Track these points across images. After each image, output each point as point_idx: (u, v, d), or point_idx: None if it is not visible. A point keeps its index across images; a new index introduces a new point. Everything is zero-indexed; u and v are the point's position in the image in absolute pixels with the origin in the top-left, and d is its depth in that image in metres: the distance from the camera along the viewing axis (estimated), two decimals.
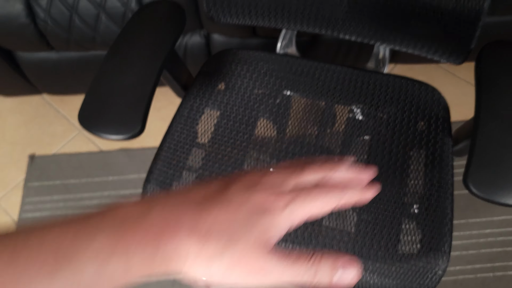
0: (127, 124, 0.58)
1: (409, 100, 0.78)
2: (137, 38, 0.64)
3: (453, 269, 1.11)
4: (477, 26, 0.62)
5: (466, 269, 1.10)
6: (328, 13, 0.73)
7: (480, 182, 0.52)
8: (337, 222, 0.69)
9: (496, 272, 1.09)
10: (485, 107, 0.57)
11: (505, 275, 1.09)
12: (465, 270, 1.10)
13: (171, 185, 0.71)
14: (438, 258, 0.63)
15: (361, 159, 0.75)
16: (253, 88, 0.81)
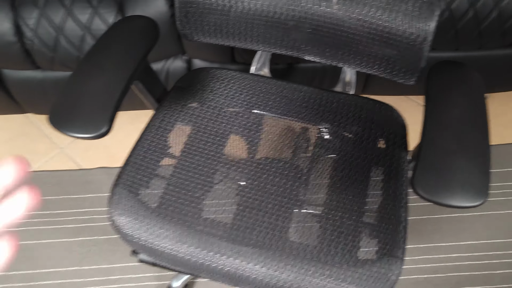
0: (95, 124, 0.61)
1: (370, 118, 0.83)
2: (109, 48, 0.69)
3: None
4: (425, 47, 0.67)
5: None
6: (293, 36, 0.79)
7: (425, 185, 0.56)
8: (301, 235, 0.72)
9: None
10: (430, 117, 0.61)
11: None
12: None
13: (138, 190, 0.73)
14: (392, 263, 0.66)
15: (326, 175, 0.78)
16: (224, 105, 0.85)
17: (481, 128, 0.59)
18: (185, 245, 0.70)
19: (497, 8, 1.10)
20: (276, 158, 0.82)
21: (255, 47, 0.82)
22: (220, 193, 0.77)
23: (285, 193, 0.75)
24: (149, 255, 0.73)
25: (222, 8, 0.75)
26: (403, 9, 0.67)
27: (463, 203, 0.54)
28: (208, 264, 0.69)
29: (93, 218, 1.25)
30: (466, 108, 0.62)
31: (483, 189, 0.55)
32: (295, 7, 0.74)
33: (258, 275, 0.68)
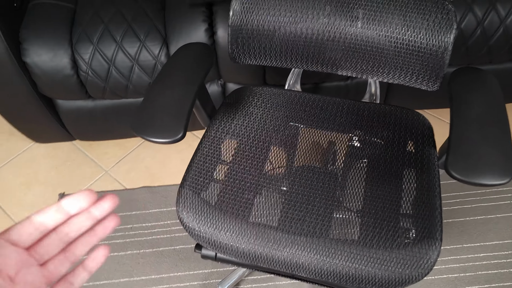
0: (172, 131, 0.72)
1: (398, 123, 0.93)
2: (177, 69, 0.81)
3: None
4: (446, 56, 0.79)
5: None
6: (328, 54, 0.91)
7: (457, 168, 0.66)
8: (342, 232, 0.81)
9: None
10: (456, 114, 0.72)
11: None
12: None
13: (200, 191, 0.84)
14: (431, 244, 0.75)
15: (361, 178, 0.88)
16: (264, 118, 0.96)
17: (501, 121, 0.70)
18: (244, 236, 0.79)
19: (503, 25, 1.22)
20: (312, 166, 0.92)
21: (295, 66, 0.94)
22: (266, 196, 0.87)
23: (324, 195, 0.84)
24: (212, 248, 0.82)
25: (268, 33, 0.88)
26: (425, 25, 0.79)
27: (491, 181, 0.64)
28: (266, 253, 0.79)
29: (139, 233, 1.35)
30: (486, 105, 0.72)
31: (507, 169, 0.64)
32: (330, 29, 0.86)
33: (312, 261, 0.77)
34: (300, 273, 0.80)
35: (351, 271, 0.76)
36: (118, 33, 1.23)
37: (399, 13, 0.81)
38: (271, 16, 0.86)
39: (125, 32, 1.24)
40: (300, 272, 0.80)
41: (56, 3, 1.29)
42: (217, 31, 1.21)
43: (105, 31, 1.24)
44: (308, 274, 0.79)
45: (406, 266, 0.74)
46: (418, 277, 0.74)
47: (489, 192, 1.35)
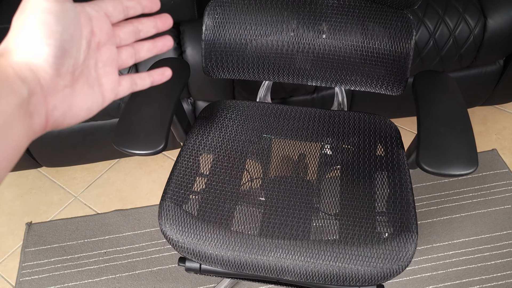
0: (153, 142, 0.73)
1: (367, 129, 0.98)
2: None
3: None
4: (408, 61, 0.85)
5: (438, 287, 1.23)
6: (298, 65, 0.95)
7: (428, 161, 0.70)
8: (323, 233, 0.83)
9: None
10: (422, 111, 0.77)
11: None
12: None
13: (182, 203, 0.84)
14: (408, 237, 0.78)
15: (335, 184, 0.91)
16: (239, 131, 0.99)
17: (463, 115, 0.76)
18: (228, 245, 0.80)
19: (452, 36, 1.32)
20: (287, 176, 0.95)
21: (267, 78, 0.98)
22: (246, 207, 0.89)
23: (301, 203, 0.87)
24: (197, 259, 0.82)
25: (240, 46, 0.91)
26: (387, 33, 0.85)
27: (460, 171, 0.69)
28: (251, 259, 0.80)
29: (114, 257, 1.32)
30: (448, 102, 0.78)
31: (472, 158, 0.70)
32: (299, 41, 0.91)
33: (297, 264, 0.79)
34: (285, 277, 0.81)
35: (334, 270, 0.78)
36: None
37: (362, 24, 0.87)
38: (242, 30, 0.90)
39: None
40: (286, 275, 0.81)
41: None
42: (185, 50, 1.23)
43: None
44: (294, 277, 0.81)
45: (387, 260, 0.77)
46: (399, 270, 0.77)
47: (452, 193, 1.43)
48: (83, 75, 0.34)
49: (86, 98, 0.34)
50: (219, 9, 0.89)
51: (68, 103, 0.32)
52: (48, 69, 0.30)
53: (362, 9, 0.87)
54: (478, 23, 1.32)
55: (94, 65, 0.35)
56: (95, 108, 0.35)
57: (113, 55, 0.36)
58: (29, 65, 0.29)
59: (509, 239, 1.31)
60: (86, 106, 0.34)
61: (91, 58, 0.34)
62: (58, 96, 0.31)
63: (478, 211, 1.38)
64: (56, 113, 0.32)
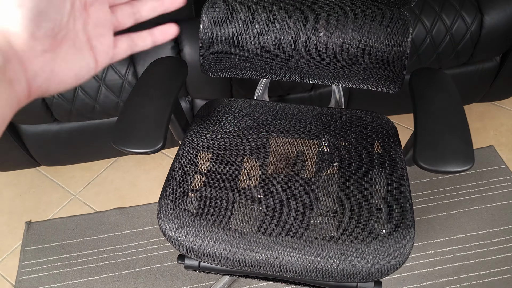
0: (152, 141, 0.74)
1: (365, 126, 0.99)
2: (152, 81, 0.83)
3: (425, 284, 1.24)
4: (405, 59, 0.85)
5: (436, 283, 1.24)
6: (295, 63, 0.96)
7: (425, 159, 0.71)
8: (320, 231, 0.84)
9: (462, 283, 1.24)
10: (419, 108, 0.78)
11: (470, 284, 1.23)
12: (435, 284, 1.24)
13: (180, 202, 0.85)
14: (406, 233, 0.79)
15: (332, 181, 0.92)
16: (237, 129, 0.99)
17: (459, 112, 0.76)
18: (227, 242, 0.81)
19: (449, 33, 1.32)
20: (285, 173, 0.95)
21: (264, 76, 0.98)
22: (244, 204, 0.89)
23: (299, 200, 0.87)
24: (196, 257, 0.83)
25: (237, 45, 0.91)
26: (384, 31, 0.86)
27: (456, 168, 0.70)
28: (250, 257, 0.80)
29: (113, 255, 1.32)
30: (444, 99, 0.79)
31: (469, 155, 0.70)
32: (297, 39, 0.91)
33: (295, 260, 0.80)
34: (284, 274, 0.82)
35: (333, 267, 0.79)
36: None
37: (359, 22, 0.87)
38: (239, 28, 0.90)
39: None
40: (284, 272, 0.82)
41: None
42: (183, 48, 1.24)
43: None
44: (292, 274, 0.81)
45: (384, 257, 0.78)
46: (396, 266, 0.78)
47: (449, 190, 1.43)
48: (68, 39, 0.31)
49: (73, 63, 0.32)
50: (216, 8, 0.89)
51: (50, 69, 0.30)
52: (22, 33, 0.28)
53: (359, 7, 0.87)
54: (475, 20, 1.33)
55: (83, 27, 0.32)
56: (85, 73, 0.33)
57: (105, 14, 0.34)
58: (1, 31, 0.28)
59: (506, 235, 1.32)
60: (73, 71, 0.32)
61: (77, 20, 0.32)
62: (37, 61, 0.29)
63: (476, 207, 1.39)
64: (38, 80, 0.30)
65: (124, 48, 0.36)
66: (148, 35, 0.37)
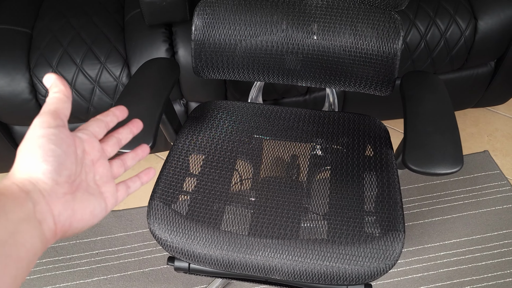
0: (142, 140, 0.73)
1: (357, 129, 0.99)
2: (144, 82, 0.83)
3: None
4: (396, 62, 0.86)
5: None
6: (288, 65, 0.96)
7: (414, 160, 0.71)
8: (311, 234, 0.83)
9: None
10: (409, 111, 0.78)
11: None
12: None
13: (171, 203, 0.84)
14: (395, 236, 0.79)
15: (324, 185, 0.91)
16: (230, 131, 0.99)
17: (449, 114, 0.76)
18: (217, 244, 0.80)
19: (443, 38, 1.33)
20: (278, 176, 0.95)
21: (257, 79, 0.98)
22: (236, 207, 0.89)
23: (291, 203, 0.87)
24: (186, 259, 0.82)
25: (229, 46, 0.92)
26: (375, 34, 0.86)
27: (445, 170, 0.70)
28: (240, 259, 0.80)
29: (105, 258, 1.32)
30: (435, 101, 0.79)
31: (458, 157, 0.70)
32: (288, 41, 0.91)
33: (285, 263, 0.79)
34: (274, 276, 0.82)
35: (322, 269, 0.79)
36: (78, 56, 1.23)
37: (350, 25, 0.87)
38: (232, 30, 0.90)
39: (85, 55, 1.24)
40: (274, 275, 0.81)
41: (12, 28, 1.28)
42: (177, 51, 1.24)
43: (65, 55, 1.23)
44: (282, 276, 0.81)
45: (374, 259, 0.78)
46: (386, 269, 0.77)
47: (444, 194, 1.43)
48: (82, 185, 0.40)
49: (88, 203, 0.40)
50: (208, 10, 0.89)
51: (71, 208, 0.38)
52: (47, 180, 0.36)
53: (351, 10, 0.88)
54: (469, 25, 1.33)
55: (93, 178, 0.42)
56: (99, 212, 0.41)
57: (107, 167, 0.43)
58: (30, 180, 0.35)
59: (499, 240, 1.32)
60: (89, 210, 0.39)
61: (89, 173, 0.41)
62: (60, 202, 0.37)
63: (470, 212, 1.39)
64: (62, 218, 0.37)
65: (123, 191, 0.45)
66: (137, 179, 0.48)
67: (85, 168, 0.41)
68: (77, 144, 0.40)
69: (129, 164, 0.48)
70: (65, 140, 0.38)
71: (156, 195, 0.85)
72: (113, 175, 0.45)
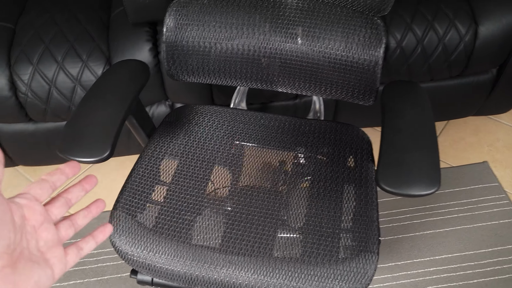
0: (98, 150, 0.69)
1: (339, 139, 0.93)
2: (107, 86, 0.78)
3: None
4: (377, 70, 0.80)
5: None
6: (265, 71, 0.91)
7: (386, 180, 0.66)
8: (286, 248, 0.79)
9: None
10: (387, 124, 0.72)
11: None
12: None
13: (135, 213, 0.80)
14: (368, 258, 0.74)
15: (304, 196, 0.86)
16: (208, 137, 0.95)
17: (429, 130, 0.71)
18: (180, 259, 0.76)
19: (441, 43, 1.26)
20: (257, 185, 0.90)
21: (233, 83, 0.94)
22: (209, 216, 0.84)
23: (268, 215, 0.82)
24: (148, 273, 0.78)
25: (204, 49, 0.87)
26: (356, 40, 0.80)
27: (420, 191, 0.64)
28: (203, 275, 0.76)
29: (83, 261, 1.28)
30: (415, 114, 0.73)
31: (435, 178, 0.65)
32: (266, 45, 0.86)
33: (250, 281, 0.75)
34: None
35: None
36: (59, 54, 1.20)
37: (331, 29, 0.82)
38: (206, 32, 0.85)
39: (66, 52, 1.20)
40: None
41: None
42: (161, 51, 1.20)
43: (46, 52, 1.20)
44: None
45: (344, 282, 0.73)
46: None
47: (437, 206, 1.37)
48: (24, 254, 0.37)
49: (31, 274, 0.37)
50: (181, 10, 0.85)
51: (11, 281, 0.35)
52: None
53: (332, 14, 0.82)
54: (469, 30, 1.26)
55: (36, 245, 0.38)
56: (45, 281, 0.38)
57: (52, 232, 0.40)
58: None
59: (494, 257, 1.26)
60: (32, 280, 0.37)
61: (31, 240, 0.38)
62: None
63: (464, 226, 1.33)
64: None
65: (74, 254, 0.42)
66: (92, 239, 0.45)
67: (26, 236, 0.38)
68: (14, 211, 0.37)
69: (80, 223, 0.45)
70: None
71: (119, 205, 0.81)
72: (60, 238, 0.41)
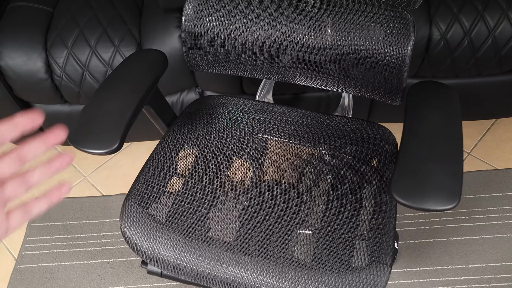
0: (107, 141, 0.69)
1: (364, 138, 0.88)
2: (124, 75, 0.78)
3: None
4: (404, 69, 0.74)
5: None
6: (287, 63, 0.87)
7: (400, 190, 0.61)
8: (300, 249, 0.76)
9: None
10: (408, 129, 0.67)
11: None
12: None
13: (147, 205, 0.80)
14: (380, 269, 0.69)
15: (324, 195, 0.83)
16: (230, 129, 0.92)
17: (455, 137, 0.64)
18: (188, 254, 0.76)
19: (491, 36, 1.16)
20: (279, 180, 0.87)
21: (254, 75, 0.90)
22: (225, 210, 0.83)
23: (286, 212, 0.80)
24: (156, 265, 0.79)
25: (223, 40, 0.84)
26: (383, 35, 0.74)
27: (435, 206, 0.59)
28: (209, 272, 0.75)
29: (111, 241, 1.32)
30: (441, 120, 0.67)
31: (454, 192, 0.59)
32: (288, 38, 0.82)
33: (255, 283, 0.73)
34: None
35: None
36: (92, 38, 1.22)
37: (357, 22, 0.76)
38: (226, 22, 0.82)
39: (99, 37, 1.22)
40: None
41: (34, 6, 1.28)
42: None
43: (80, 36, 1.22)
44: None
45: None
46: None
47: (476, 211, 1.28)
48: None
49: None
50: None
51: None
52: None
53: (359, 7, 0.77)
54: None
55: None
56: None
57: None
58: None
59: None
60: None
61: None
62: None
63: (503, 234, 1.23)
64: None
65: (18, 218, 0.38)
66: (43, 199, 0.39)
67: None
68: None
69: (36, 179, 0.38)
70: None
71: (131, 196, 0.81)
72: (4, 199, 0.37)
